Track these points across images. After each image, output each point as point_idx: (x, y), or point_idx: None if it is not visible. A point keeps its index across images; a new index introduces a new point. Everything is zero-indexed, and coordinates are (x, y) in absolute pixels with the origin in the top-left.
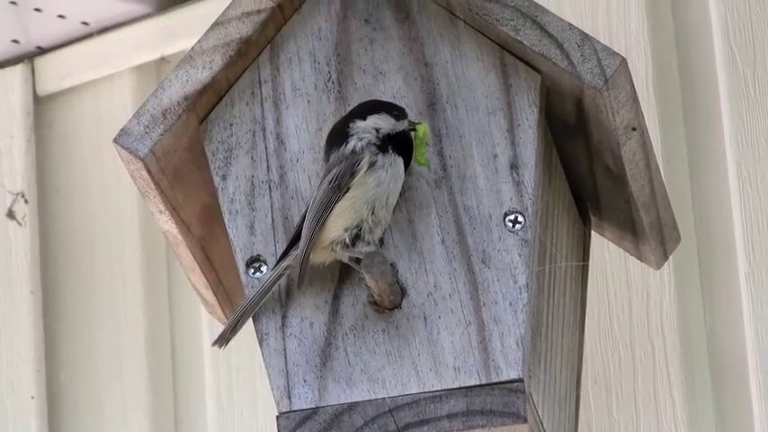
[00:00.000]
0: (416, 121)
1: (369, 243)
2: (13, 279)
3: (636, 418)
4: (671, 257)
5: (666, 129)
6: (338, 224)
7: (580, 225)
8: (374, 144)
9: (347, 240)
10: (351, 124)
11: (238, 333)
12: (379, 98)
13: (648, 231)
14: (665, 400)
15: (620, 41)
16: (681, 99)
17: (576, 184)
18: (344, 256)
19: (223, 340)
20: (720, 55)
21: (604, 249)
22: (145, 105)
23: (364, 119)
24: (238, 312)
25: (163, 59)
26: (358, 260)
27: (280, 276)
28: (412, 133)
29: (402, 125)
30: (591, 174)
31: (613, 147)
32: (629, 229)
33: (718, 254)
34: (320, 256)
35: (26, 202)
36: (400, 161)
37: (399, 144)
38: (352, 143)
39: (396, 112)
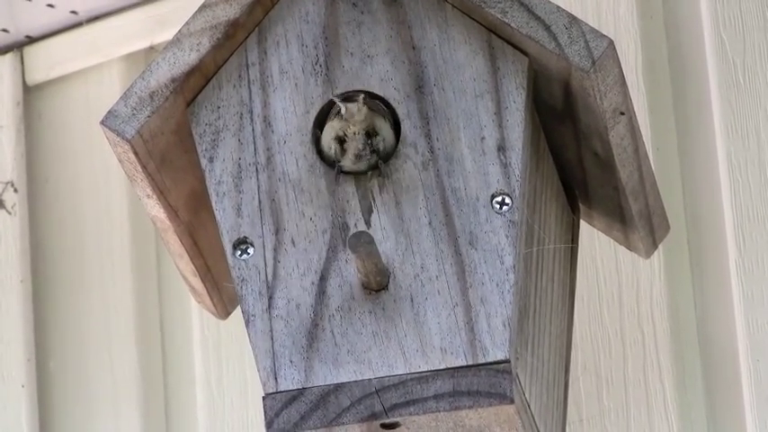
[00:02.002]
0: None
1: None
2: (2, 268)
3: (626, 404)
4: (661, 245)
5: (656, 117)
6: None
7: (569, 212)
8: None
9: None
10: None
11: (224, 314)
12: (366, 81)
13: (637, 220)
14: (655, 387)
15: (609, 29)
16: (670, 87)
17: (565, 172)
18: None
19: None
20: (710, 43)
21: (594, 237)
22: (132, 87)
23: None
24: None
25: (152, 48)
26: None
27: None
28: None
29: None
30: (579, 160)
31: (601, 131)
32: (618, 218)
33: (709, 242)
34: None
35: (15, 191)
36: None
37: None
38: None
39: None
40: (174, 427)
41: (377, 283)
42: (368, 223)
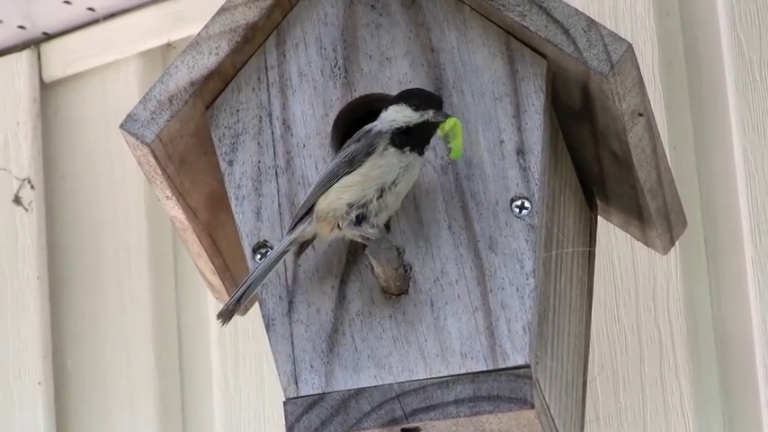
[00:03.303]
0: (445, 115)
1: (374, 226)
2: (19, 265)
3: (642, 402)
4: (678, 242)
5: (673, 114)
6: (343, 197)
7: (586, 210)
8: (389, 136)
9: (353, 218)
10: (381, 113)
11: (241, 310)
12: (385, 84)
13: (655, 217)
14: (671, 385)
15: (626, 27)
16: (687, 85)
17: (583, 170)
18: (349, 234)
19: (226, 314)
20: (726, 40)
21: (611, 235)
22: (151, 91)
23: (387, 109)
24: (243, 286)
25: (169, 45)
26: (365, 246)
27: (284, 252)
28: (439, 132)
29: (423, 116)
30: (597, 160)
31: (620, 132)
32: (636, 215)
33: (725, 239)
34: (324, 229)
35: (32, 187)
36: (417, 159)
37: (419, 137)
38: (372, 125)
39: (416, 101)
40: (190, 424)
41: (397, 288)
42: (387, 228)
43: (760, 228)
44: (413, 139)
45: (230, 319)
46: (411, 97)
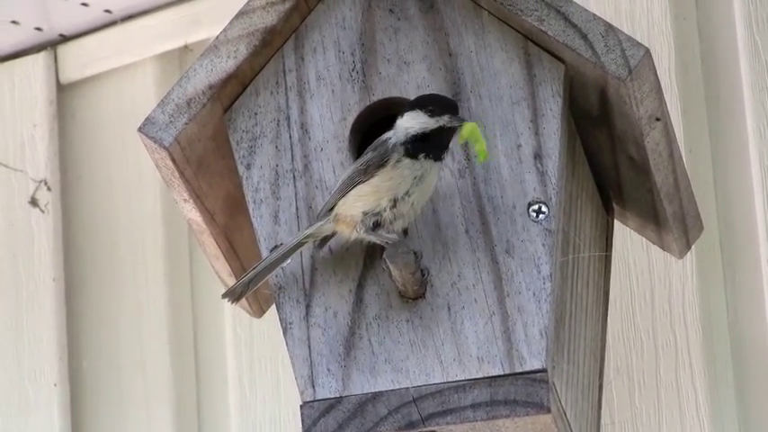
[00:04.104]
0: (460, 120)
1: (389, 232)
2: (35, 266)
3: (658, 407)
4: (693, 246)
5: (689, 119)
6: (357, 205)
7: (603, 214)
8: (403, 145)
9: (369, 224)
10: (396, 120)
11: (257, 311)
12: (403, 88)
13: (671, 221)
14: (687, 390)
15: (642, 31)
16: (704, 89)
17: (599, 174)
18: (366, 237)
19: (234, 294)
20: (743, 45)
21: (627, 239)
22: (169, 94)
23: (402, 116)
24: (254, 270)
25: (186, 48)
26: (382, 250)
27: (301, 244)
28: (459, 140)
29: (438, 122)
30: (614, 164)
31: (637, 137)
32: (652, 219)
33: (741, 243)
34: (343, 229)
35: (49, 189)
36: (433, 166)
37: (436, 143)
38: (388, 136)
39: (432, 107)
40: (206, 426)
41: (414, 292)
42: (404, 232)
43: None
44: (429, 145)
45: (238, 300)
46: (426, 103)
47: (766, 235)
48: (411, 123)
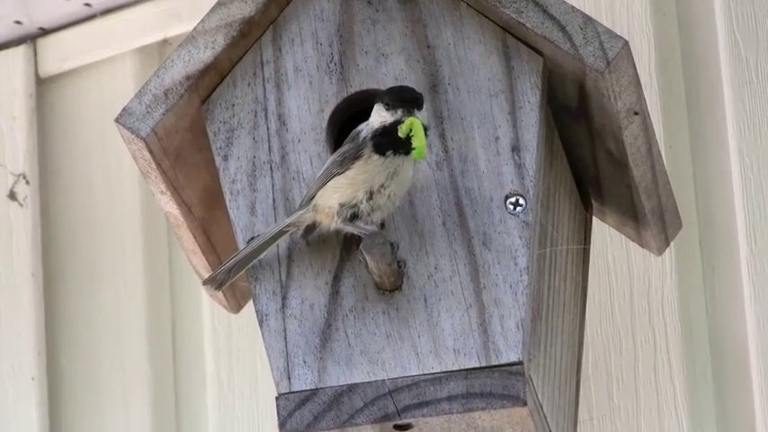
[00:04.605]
0: (406, 114)
1: (368, 224)
2: (14, 260)
3: (636, 403)
4: (672, 243)
5: (669, 115)
6: (334, 196)
7: (581, 210)
8: (372, 140)
9: (346, 216)
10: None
11: (235, 307)
12: (381, 80)
13: (650, 217)
14: (665, 386)
15: (622, 27)
16: (683, 85)
17: (578, 169)
18: (344, 228)
19: (215, 282)
20: (723, 41)
21: (606, 235)
22: (147, 85)
23: (373, 107)
24: (235, 258)
25: (165, 41)
26: (359, 242)
27: (282, 233)
28: (399, 133)
29: (394, 116)
30: (593, 158)
31: (615, 131)
32: (631, 215)
33: (720, 240)
34: (323, 219)
35: (27, 183)
36: (404, 160)
37: (396, 136)
38: (361, 128)
39: (389, 101)
40: (184, 420)
41: (390, 284)
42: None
43: (755, 229)
44: (392, 140)
45: (219, 288)
46: (385, 96)
47: (745, 232)
48: (374, 117)
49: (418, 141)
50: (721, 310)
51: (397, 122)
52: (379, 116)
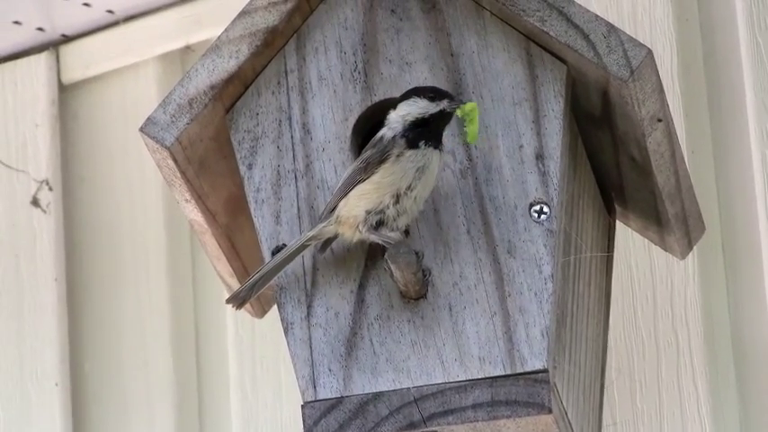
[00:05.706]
0: (462, 100)
1: (393, 230)
2: (37, 267)
3: (659, 407)
4: (695, 247)
5: (691, 120)
6: (360, 204)
7: (605, 215)
8: (403, 136)
9: (372, 223)
10: (387, 115)
11: (258, 312)
12: (405, 88)
13: (673, 222)
14: (688, 390)
15: (645, 32)
16: (706, 90)
17: (601, 175)
18: (369, 237)
19: (238, 299)
20: (745, 45)
21: (628, 239)
22: (171, 94)
23: (395, 107)
24: (257, 274)
25: (188, 48)
26: (384, 250)
27: (304, 247)
28: (457, 111)
29: (438, 106)
30: (616, 165)
31: (639, 138)
32: (654, 220)
33: (743, 244)
34: (346, 231)
35: (50, 189)
36: (434, 154)
37: (434, 129)
38: (383, 132)
39: (432, 93)
40: (207, 427)
41: (415, 292)
42: (406, 232)
43: None
44: (428, 131)
45: (242, 305)
46: (425, 90)
47: None
48: (408, 110)
49: (474, 126)
50: (744, 313)
51: (442, 111)
52: (418, 107)
